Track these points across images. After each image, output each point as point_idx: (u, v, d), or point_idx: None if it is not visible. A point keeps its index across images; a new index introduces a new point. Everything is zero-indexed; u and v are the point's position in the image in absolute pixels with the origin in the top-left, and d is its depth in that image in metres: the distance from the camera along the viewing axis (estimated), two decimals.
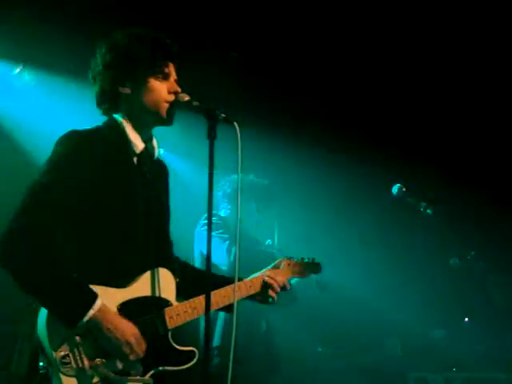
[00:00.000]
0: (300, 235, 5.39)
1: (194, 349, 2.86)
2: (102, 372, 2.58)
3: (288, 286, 3.32)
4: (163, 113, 2.89)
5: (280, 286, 3.27)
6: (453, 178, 6.90)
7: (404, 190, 4.53)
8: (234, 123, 2.72)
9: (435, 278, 6.81)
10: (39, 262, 2.55)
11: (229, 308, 3.10)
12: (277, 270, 3.37)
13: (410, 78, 6.57)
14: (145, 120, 2.93)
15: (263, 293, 3.24)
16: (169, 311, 2.82)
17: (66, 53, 5.26)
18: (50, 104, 5.77)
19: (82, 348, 2.57)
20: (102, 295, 2.63)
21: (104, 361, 2.59)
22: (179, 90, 2.91)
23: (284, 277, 3.34)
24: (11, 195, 2.80)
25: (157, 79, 2.88)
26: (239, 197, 3.02)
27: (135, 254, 2.81)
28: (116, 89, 2.88)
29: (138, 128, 2.91)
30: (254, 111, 6.22)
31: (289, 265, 3.46)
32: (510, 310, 4.78)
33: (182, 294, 2.93)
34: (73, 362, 2.54)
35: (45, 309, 2.57)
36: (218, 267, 4.56)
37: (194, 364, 2.84)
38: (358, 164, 7.02)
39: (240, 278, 3.12)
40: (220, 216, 4.98)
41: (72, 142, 2.74)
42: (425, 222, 4.68)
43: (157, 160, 3.06)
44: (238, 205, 3.40)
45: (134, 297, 2.74)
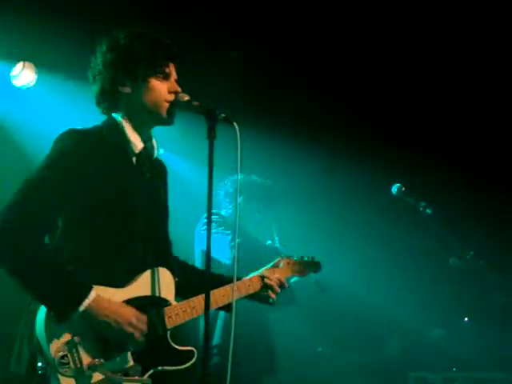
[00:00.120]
0: (300, 235, 5.38)
1: (193, 348, 2.86)
2: (101, 372, 2.58)
3: (286, 284, 3.32)
4: (163, 112, 2.88)
5: (279, 284, 3.27)
6: (452, 178, 6.91)
7: (403, 189, 4.54)
8: (234, 123, 2.71)
9: (435, 277, 6.80)
10: (32, 255, 2.56)
11: (228, 307, 3.09)
12: (276, 269, 3.36)
13: (410, 78, 6.57)
14: (145, 119, 2.93)
15: (263, 293, 3.25)
16: (168, 311, 2.82)
17: (66, 52, 5.25)
18: (49, 104, 5.77)
19: (81, 348, 2.56)
20: (102, 294, 2.62)
21: (102, 361, 2.59)
22: (179, 89, 2.91)
23: (283, 275, 3.34)
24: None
25: (157, 79, 2.88)
26: (238, 196, 3.04)
27: (134, 254, 2.80)
28: (116, 88, 2.88)
29: (137, 128, 2.91)
30: (254, 111, 6.23)
31: (288, 263, 3.46)
32: (509, 309, 4.78)
33: (181, 294, 2.93)
34: (71, 363, 2.54)
35: (41, 305, 2.57)
36: (220, 263, 4.56)
37: (194, 363, 2.83)
38: (357, 164, 7.02)
39: (239, 278, 3.12)
40: (221, 215, 4.98)
41: (71, 140, 2.74)
42: (424, 221, 4.68)
43: (156, 160, 3.06)
44: (237, 204, 3.43)
45: (133, 296, 2.74)
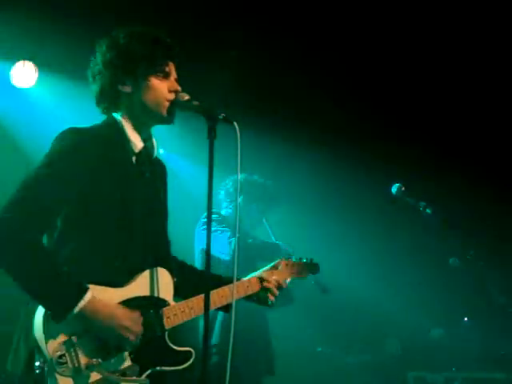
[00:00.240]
0: (299, 236, 5.39)
1: (191, 349, 2.85)
2: (99, 372, 2.57)
3: (284, 284, 3.31)
4: (164, 112, 2.88)
5: (277, 287, 3.26)
6: (452, 178, 6.91)
7: (403, 189, 4.53)
8: (234, 123, 2.71)
9: (435, 277, 6.81)
10: (30, 254, 2.55)
11: (226, 308, 3.09)
12: (275, 271, 3.35)
13: (410, 78, 6.57)
14: (145, 119, 2.92)
15: (261, 294, 3.24)
16: (166, 311, 2.81)
17: (66, 52, 5.25)
18: (48, 103, 5.77)
19: (78, 348, 2.56)
20: (100, 294, 2.62)
21: (100, 361, 2.58)
22: (179, 88, 2.91)
23: (281, 277, 3.32)
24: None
25: (157, 78, 2.87)
26: (238, 196, 3.05)
27: (133, 254, 2.79)
28: (116, 87, 2.87)
29: (137, 127, 2.91)
30: (254, 111, 6.22)
31: (287, 265, 3.44)
32: (508, 309, 4.77)
33: (180, 294, 2.92)
34: (69, 362, 2.53)
35: (39, 305, 2.56)
36: (219, 260, 4.55)
37: (192, 364, 2.82)
38: (357, 164, 7.03)
39: (238, 278, 3.10)
40: (220, 214, 4.98)
41: (71, 138, 2.73)
42: (424, 221, 4.68)
43: (156, 159, 3.05)
44: (237, 204, 3.43)
45: (131, 296, 2.73)
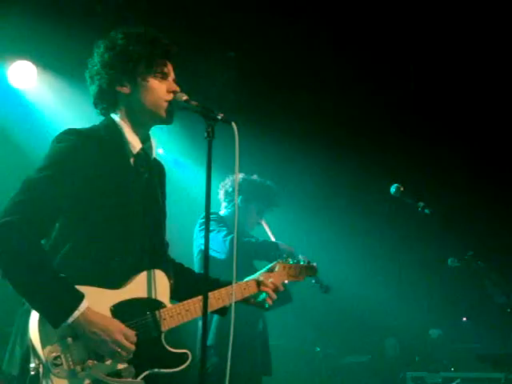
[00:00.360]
0: (299, 237, 5.39)
1: (187, 351, 2.84)
2: (94, 374, 2.56)
3: (281, 288, 3.29)
4: (162, 112, 2.88)
5: (274, 289, 3.25)
6: (451, 178, 6.92)
7: (402, 189, 4.53)
8: (232, 123, 2.71)
9: (433, 277, 6.81)
10: (28, 259, 2.54)
11: (222, 311, 3.09)
12: (272, 273, 3.33)
13: (409, 77, 6.58)
14: (143, 119, 2.92)
15: (258, 297, 3.23)
16: (162, 313, 2.80)
17: (63, 51, 5.25)
18: (47, 103, 5.77)
19: (74, 350, 2.55)
20: (96, 296, 2.62)
21: (96, 362, 2.57)
22: (178, 89, 2.91)
23: (278, 280, 3.31)
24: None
25: (155, 78, 2.87)
26: (237, 196, 3.05)
27: (130, 255, 2.79)
28: (114, 88, 2.87)
29: (135, 128, 2.91)
30: (254, 112, 6.23)
31: (284, 268, 3.43)
32: (507, 309, 4.77)
33: (176, 296, 2.91)
34: (64, 364, 2.52)
35: (32, 308, 2.55)
36: (215, 259, 4.53)
37: (188, 366, 2.81)
38: (356, 164, 7.04)
39: (228, 282, 3.09)
40: (218, 214, 4.98)
41: (70, 140, 2.73)
42: (423, 221, 4.68)
43: (154, 160, 3.05)
44: (236, 204, 3.43)
45: (127, 298, 2.73)
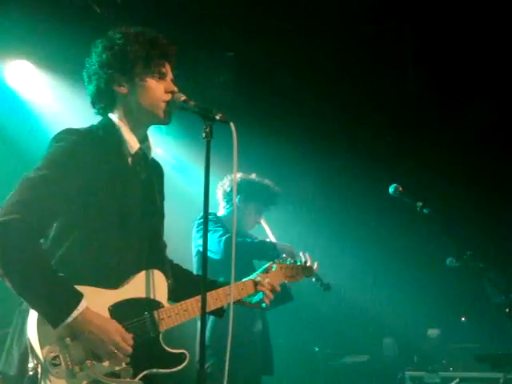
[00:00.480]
0: (298, 236, 5.39)
1: (185, 351, 2.84)
2: (92, 374, 2.56)
3: (278, 287, 3.30)
4: (160, 112, 2.88)
5: (271, 289, 3.25)
6: (450, 178, 6.92)
7: (400, 189, 4.53)
8: (231, 123, 2.70)
9: (432, 277, 6.81)
10: (26, 258, 2.53)
11: (219, 313, 3.09)
12: (269, 274, 3.34)
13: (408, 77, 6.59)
14: (141, 119, 2.92)
15: (255, 297, 3.23)
16: (160, 313, 2.80)
17: (62, 51, 5.24)
18: (42, 103, 5.77)
19: (73, 350, 2.55)
20: (94, 296, 2.62)
21: (94, 363, 2.58)
22: (176, 89, 2.91)
23: (275, 280, 3.31)
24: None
25: (153, 79, 2.87)
26: (235, 196, 3.05)
27: (129, 255, 2.79)
28: (112, 88, 2.87)
29: (133, 128, 2.91)
30: (253, 112, 6.23)
31: (281, 268, 3.44)
32: (506, 307, 4.76)
33: (173, 297, 2.91)
34: (63, 364, 2.52)
35: (31, 308, 2.54)
36: (211, 259, 4.51)
37: (185, 366, 2.81)
38: (355, 164, 7.04)
39: (225, 283, 3.10)
40: (215, 214, 4.95)
41: (69, 139, 2.73)
42: (421, 221, 4.67)
43: (152, 160, 3.05)
44: (235, 204, 3.43)
45: (126, 298, 2.73)
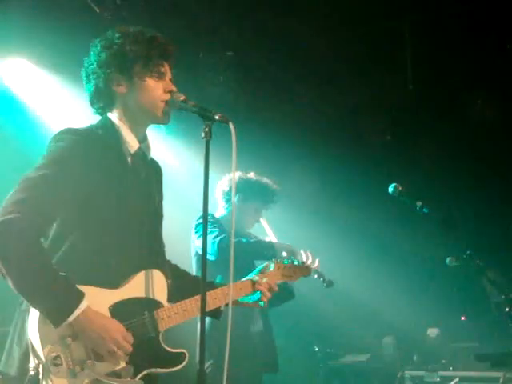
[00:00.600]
0: (298, 236, 5.38)
1: (184, 351, 2.84)
2: (93, 374, 2.57)
3: (275, 287, 3.31)
4: (159, 112, 2.88)
5: (268, 289, 3.26)
6: (450, 178, 6.92)
7: (400, 188, 4.52)
8: (230, 123, 2.70)
9: (431, 277, 6.81)
10: (28, 257, 2.52)
11: (216, 314, 3.10)
12: (266, 273, 3.35)
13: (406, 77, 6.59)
14: (140, 119, 2.93)
15: (253, 297, 3.24)
16: (160, 313, 2.80)
17: (60, 50, 5.24)
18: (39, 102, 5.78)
19: (74, 349, 2.55)
20: (95, 295, 2.62)
21: (95, 362, 2.58)
22: (175, 89, 2.91)
23: (272, 280, 3.32)
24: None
25: (152, 78, 2.88)
26: (234, 196, 3.04)
27: (129, 255, 2.79)
28: (111, 87, 2.88)
29: (132, 127, 2.91)
30: (253, 112, 6.22)
31: (279, 268, 3.45)
32: (505, 307, 4.76)
33: (172, 297, 2.91)
34: (64, 364, 2.52)
35: (32, 307, 2.54)
36: (207, 261, 4.47)
37: (185, 366, 2.82)
38: (355, 164, 7.04)
39: (223, 284, 3.12)
40: (213, 215, 4.92)
41: (69, 139, 2.73)
42: (421, 220, 4.67)
43: (151, 160, 3.05)
44: (233, 203, 3.42)
45: (126, 298, 2.73)
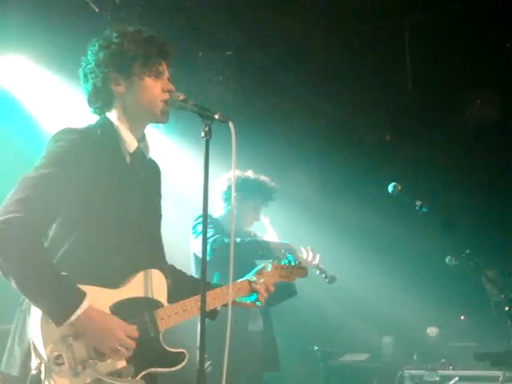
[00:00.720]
0: (297, 235, 5.38)
1: (184, 350, 2.85)
2: (95, 373, 2.57)
3: (272, 288, 3.30)
4: (158, 111, 2.88)
5: (265, 289, 3.26)
6: (449, 177, 6.92)
7: (399, 188, 4.53)
8: (229, 122, 2.70)
9: (431, 276, 6.81)
10: (30, 257, 2.52)
11: (212, 314, 3.10)
12: (264, 273, 3.35)
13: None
14: (139, 118, 2.92)
15: (250, 297, 3.24)
16: (160, 313, 2.80)
17: (59, 49, 5.23)
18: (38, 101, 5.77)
19: (76, 349, 2.55)
20: (95, 295, 2.61)
21: (97, 362, 2.58)
22: (173, 88, 2.91)
23: (269, 280, 3.32)
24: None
25: (151, 77, 2.87)
26: (234, 195, 3.04)
27: (128, 254, 2.79)
28: (109, 87, 2.87)
29: (131, 127, 2.91)
30: (253, 111, 6.22)
31: (276, 268, 3.45)
32: (505, 306, 4.77)
33: (170, 297, 2.90)
34: (66, 363, 2.52)
35: (34, 306, 2.54)
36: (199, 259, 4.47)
37: (184, 365, 2.82)
38: (354, 163, 7.04)
39: (220, 285, 3.12)
40: (210, 216, 4.90)
41: (69, 138, 2.72)
42: (420, 220, 4.67)
43: (150, 160, 3.05)
44: (233, 203, 3.41)
45: (126, 297, 2.73)
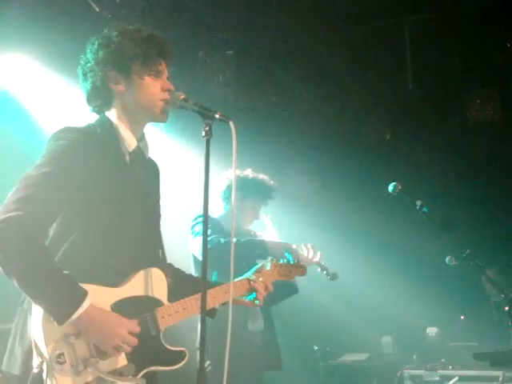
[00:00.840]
0: (297, 234, 5.38)
1: (185, 349, 2.85)
2: (96, 372, 2.57)
3: (271, 287, 3.30)
4: (158, 110, 2.88)
5: (264, 288, 3.26)
6: (449, 177, 6.92)
7: (400, 187, 4.53)
8: (230, 122, 2.69)
9: (431, 276, 6.81)
10: (31, 256, 2.52)
11: (211, 313, 3.10)
12: (263, 272, 3.35)
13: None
14: (138, 117, 2.92)
15: (249, 296, 3.25)
16: (160, 311, 2.81)
17: (59, 48, 5.23)
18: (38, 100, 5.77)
19: (77, 347, 2.56)
20: (96, 294, 2.62)
21: (98, 360, 2.59)
22: (173, 87, 2.91)
23: (268, 279, 3.32)
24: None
25: (150, 76, 2.87)
26: (235, 195, 3.03)
27: (128, 253, 2.79)
28: (108, 86, 2.87)
29: (131, 126, 2.91)
30: (253, 111, 6.22)
31: (275, 267, 3.45)
32: (504, 306, 4.77)
33: (170, 295, 2.90)
34: (67, 362, 2.53)
35: (36, 305, 2.54)
36: (199, 260, 4.45)
37: (184, 364, 2.82)
38: (354, 163, 7.03)
39: (220, 283, 3.12)
40: (209, 215, 4.87)
41: (69, 137, 2.72)
42: (420, 219, 4.67)
43: (149, 159, 3.05)
44: (233, 202, 3.40)
45: (126, 296, 2.74)
